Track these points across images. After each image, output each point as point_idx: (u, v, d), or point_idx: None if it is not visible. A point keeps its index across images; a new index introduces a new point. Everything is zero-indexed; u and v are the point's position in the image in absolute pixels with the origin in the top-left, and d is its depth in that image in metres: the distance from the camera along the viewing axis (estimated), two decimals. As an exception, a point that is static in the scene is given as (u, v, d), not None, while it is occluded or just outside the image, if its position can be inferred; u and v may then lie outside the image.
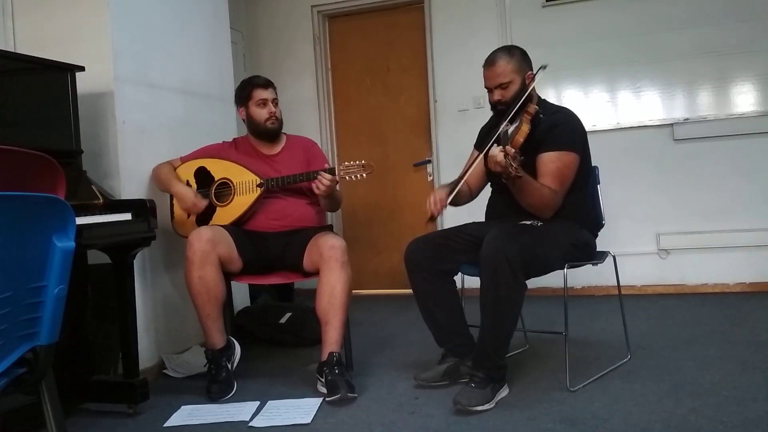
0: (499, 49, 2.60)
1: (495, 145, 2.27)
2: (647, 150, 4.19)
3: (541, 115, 2.38)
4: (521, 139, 2.29)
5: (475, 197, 2.76)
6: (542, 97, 2.64)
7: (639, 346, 2.91)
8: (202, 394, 2.60)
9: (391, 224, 4.83)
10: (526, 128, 2.32)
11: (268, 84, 2.95)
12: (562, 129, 2.47)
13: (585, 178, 2.61)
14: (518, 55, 2.53)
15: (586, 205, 2.63)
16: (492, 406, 2.27)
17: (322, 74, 4.90)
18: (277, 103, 2.96)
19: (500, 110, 2.52)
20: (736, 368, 2.53)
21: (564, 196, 2.45)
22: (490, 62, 2.54)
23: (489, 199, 2.75)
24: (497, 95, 2.52)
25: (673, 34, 4.10)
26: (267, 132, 2.94)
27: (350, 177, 2.68)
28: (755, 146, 4.02)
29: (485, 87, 2.58)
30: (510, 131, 2.36)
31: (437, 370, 2.54)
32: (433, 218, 2.47)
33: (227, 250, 2.66)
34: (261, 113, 2.91)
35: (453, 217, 4.15)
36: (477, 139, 2.82)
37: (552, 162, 2.42)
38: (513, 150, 2.17)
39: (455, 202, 2.60)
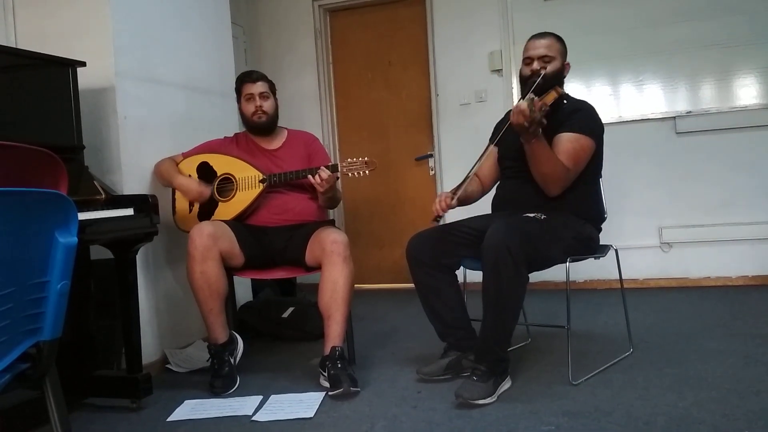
0: (547, 31, 2.64)
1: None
2: (649, 143, 4.19)
3: (565, 101, 2.42)
4: (548, 102, 2.34)
5: (488, 191, 2.76)
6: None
7: (641, 339, 2.91)
8: (205, 389, 2.61)
9: (392, 219, 4.83)
10: (552, 95, 2.38)
11: (257, 78, 2.95)
12: (583, 114, 2.53)
13: (594, 174, 2.61)
14: (563, 43, 2.60)
15: (592, 200, 2.63)
16: (494, 399, 2.27)
17: (324, 69, 4.90)
18: (267, 97, 2.94)
19: (533, 82, 2.48)
20: (738, 361, 2.53)
21: (573, 182, 2.46)
22: (539, 35, 2.59)
23: (497, 187, 2.75)
24: (536, 65, 2.52)
25: (674, 27, 4.09)
26: (255, 126, 2.95)
27: (353, 173, 2.68)
28: (758, 139, 4.01)
29: (525, 57, 2.57)
30: (535, 99, 2.35)
31: (439, 364, 2.54)
32: (437, 218, 2.49)
33: (229, 245, 2.67)
34: (248, 107, 2.93)
35: (455, 211, 4.16)
36: (492, 135, 2.81)
37: (570, 141, 2.45)
38: (540, 102, 2.23)
39: (466, 201, 2.62)
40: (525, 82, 2.57)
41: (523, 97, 2.47)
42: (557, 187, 2.44)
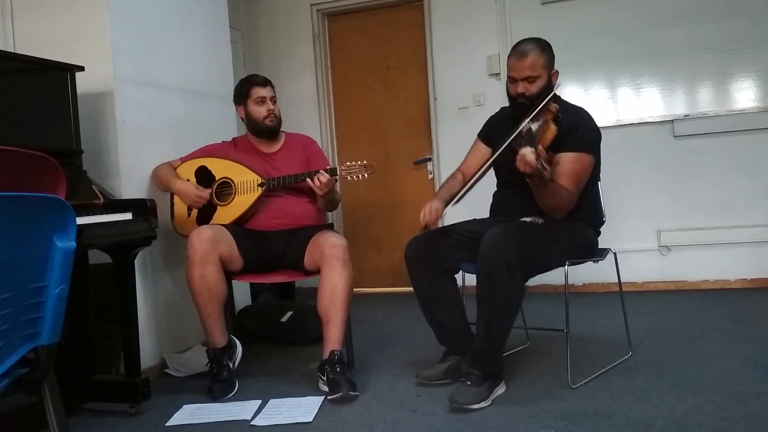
0: (530, 39, 2.51)
1: (525, 145, 2.17)
2: (648, 146, 4.19)
3: (560, 115, 2.35)
4: (550, 139, 2.25)
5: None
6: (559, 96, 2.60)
7: (640, 342, 2.90)
8: (204, 393, 2.60)
9: (391, 222, 4.83)
10: (554, 128, 2.27)
11: (266, 82, 2.95)
12: (582, 131, 2.44)
13: (592, 178, 2.59)
14: (549, 50, 2.49)
15: (591, 204, 2.62)
16: (488, 403, 2.27)
17: (322, 72, 4.90)
18: (275, 101, 2.96)
19: (521, 104, 2.45)
20: (737, 364, 2.53)
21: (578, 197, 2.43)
22: (521, 53, 2.45)
23: (494, 194, 2.74)
24: (521, 88, 2.45)
25: (672, 30, 4.10)
26: (266, 130, 2.94)
27: (352, 177, 2.68)
28: (756, 142, 4.01)
29: (509, 76, 2.49)
30: (534, 129, 2.29)
31: (439, 369, 2.54)
32: (425, 228, 2.46)
33: (228, 249, 2.67)
34: (260, 111, 2.92)
35: (454, 214, 4.16)
36: (483, 129, 2.78)
37: (571, 163, 2.39)
38: (544, 151, 2.13)
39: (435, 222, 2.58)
40: (513, 101, 2.51)
41: (515, 119, 2.44)
42: (562, 213, 2.41)
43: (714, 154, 4.08)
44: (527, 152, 2.11)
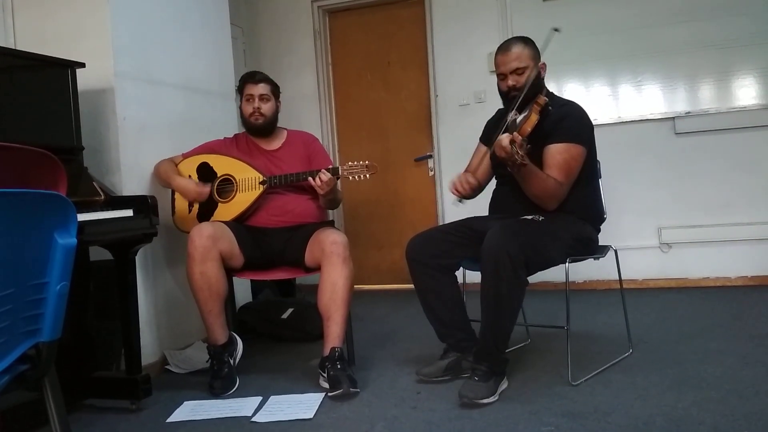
0: (513, 37, 2.61)
1: (504, 133, 2.27)
2: (649, 144, 4.19)
3: (550, 107, 2.38)
4: (529, 128, 2.29)
5: (483, 189, 2.77)
6: (550, 90, 2.63)
7: (641, 340, 2.91)
8: (205, 390, 2.61)
9: (392, 219, 4.83)
10: (534, 118, 2.32)
11: (259, 80, 2.95)
12: (570, 121, 2.48)
13: (590, 173, 2.61)
14: (533, 44, 2.55)
15: (590, 200, 2.63)
16: (496, 398, 2.28)
17: (323, 69, 4.90)
18: (267, 100, 2.94)
19: (512, 97, 2.49)
20: (737, 362, 2.53)
21: (569, 189, 2.45)
22: (505, 48, 2.54)
23: (493, 192, 2.74)
24: (511, 81, 2.51)
25: (674, 27, 4.09)
26: (252, 127, 2.96)
27: (353, 177, 2.68)
28: (757, 139, 4.01)
29: (498, 74, 2.56)
30: (518, 120, 2.35)
31: (439, 365, 2.54)
32: (461, 200, 2.53)
33: (228, 245, 2.67)
34: (247, 108, 2.94)
35: (454, 212, 4.16)
36: (483, 132, 2.82)
37: (559, 153, 2.43)
38: (520, 137, 2.19)
39: (467, 196, 2.62)
40: (505, 97, 2.56)
41: (506, 110, 2.48)
42: (553, 204, 2.44)
43: (715, 151, 4.07)
44: (503, 137, 2.21)
